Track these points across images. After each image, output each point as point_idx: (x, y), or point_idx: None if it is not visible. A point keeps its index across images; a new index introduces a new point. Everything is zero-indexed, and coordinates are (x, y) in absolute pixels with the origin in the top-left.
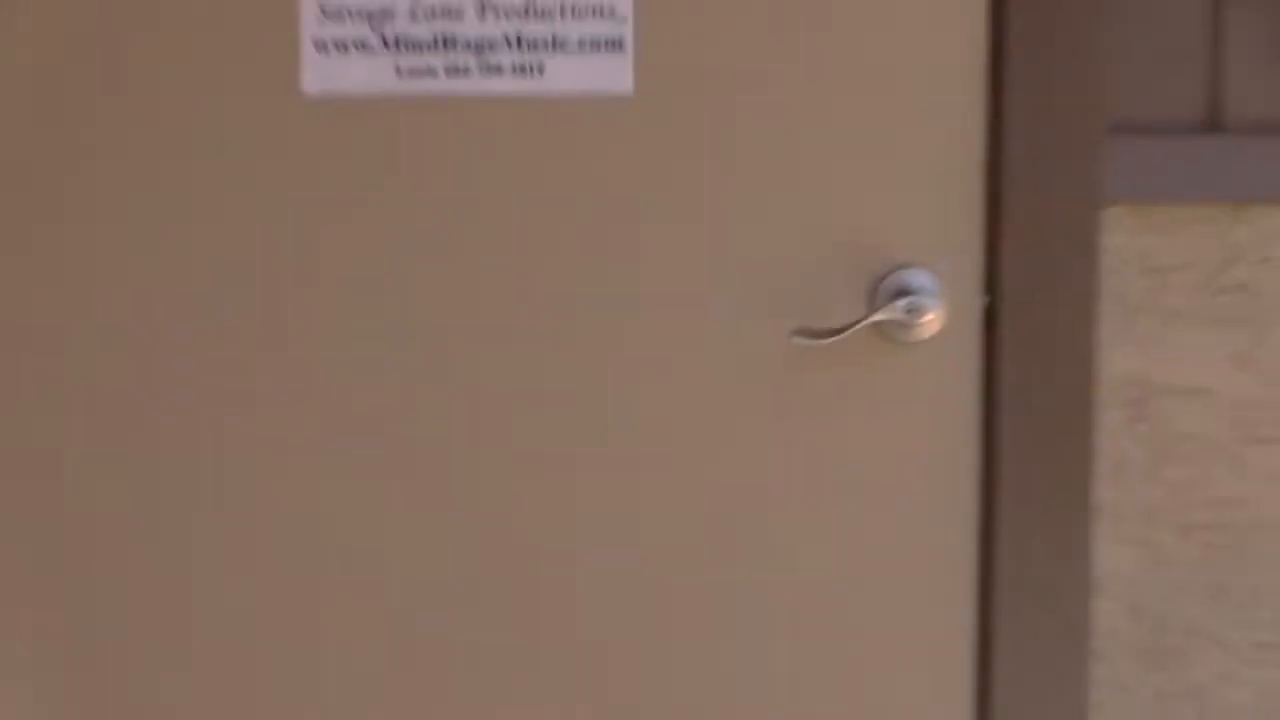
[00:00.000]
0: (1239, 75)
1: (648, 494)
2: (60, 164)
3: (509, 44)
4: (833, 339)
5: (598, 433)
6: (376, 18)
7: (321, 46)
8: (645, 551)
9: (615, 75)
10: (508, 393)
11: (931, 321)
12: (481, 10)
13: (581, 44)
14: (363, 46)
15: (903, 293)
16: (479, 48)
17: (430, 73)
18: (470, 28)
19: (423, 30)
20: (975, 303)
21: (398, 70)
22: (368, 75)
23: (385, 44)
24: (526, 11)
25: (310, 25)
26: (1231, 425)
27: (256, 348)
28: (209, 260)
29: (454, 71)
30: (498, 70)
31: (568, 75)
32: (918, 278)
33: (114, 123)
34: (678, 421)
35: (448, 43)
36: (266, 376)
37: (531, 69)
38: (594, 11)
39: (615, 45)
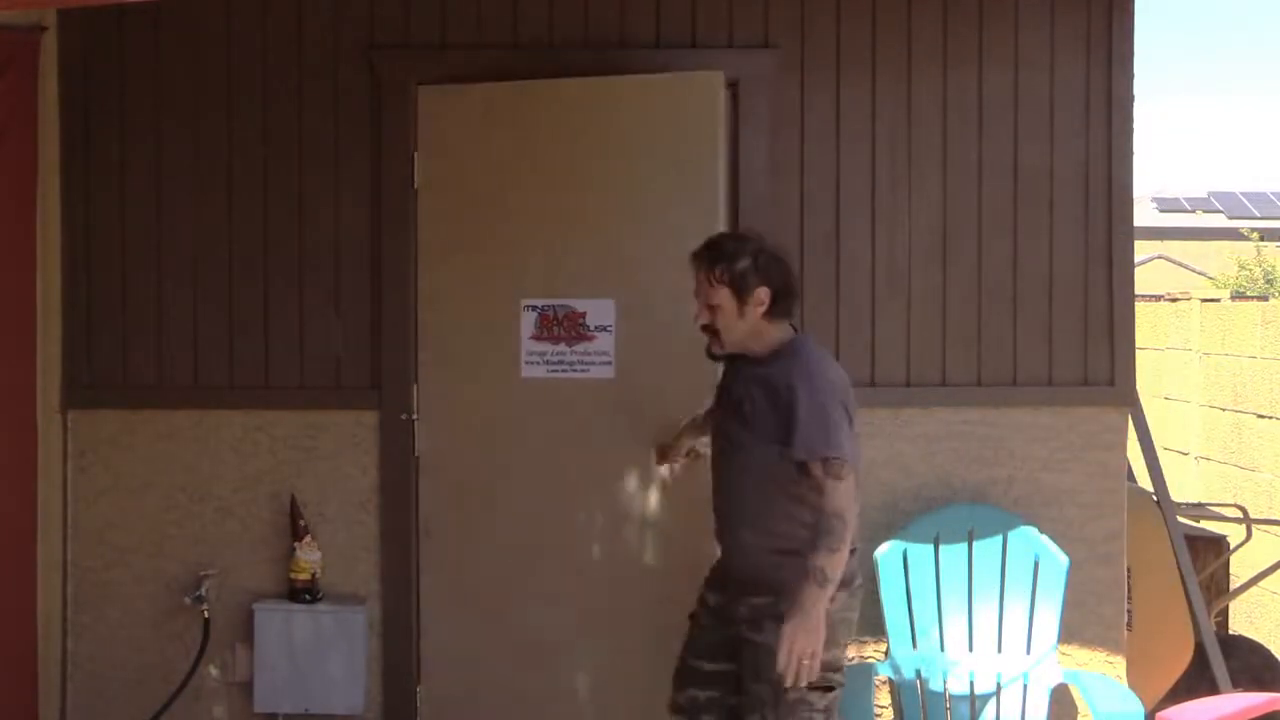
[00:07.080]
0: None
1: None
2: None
3: (580, 366)
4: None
5: (605, 492)
6: (540, 354)
7: (526, 363)
8: (615, 523)
9: (608, 372)
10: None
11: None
12: (571, 354)
13: (599, 363)
14: (536, 363)
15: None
16: (570, 365)
17: (557, 369)
18: (570, 360)
19: (554, 360)
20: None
21: (549, 368)
22: (540, 371)
23: (542, 361)
24: (585, 354)
25: (522, 355)
26: None
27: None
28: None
29: (563, 368)
30: (576, 369)
31: (595, 371)
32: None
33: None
34: (624, 489)
35: (563, 363)
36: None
37: (584, 369)
38: (601, 355)
39: (608, 363)
